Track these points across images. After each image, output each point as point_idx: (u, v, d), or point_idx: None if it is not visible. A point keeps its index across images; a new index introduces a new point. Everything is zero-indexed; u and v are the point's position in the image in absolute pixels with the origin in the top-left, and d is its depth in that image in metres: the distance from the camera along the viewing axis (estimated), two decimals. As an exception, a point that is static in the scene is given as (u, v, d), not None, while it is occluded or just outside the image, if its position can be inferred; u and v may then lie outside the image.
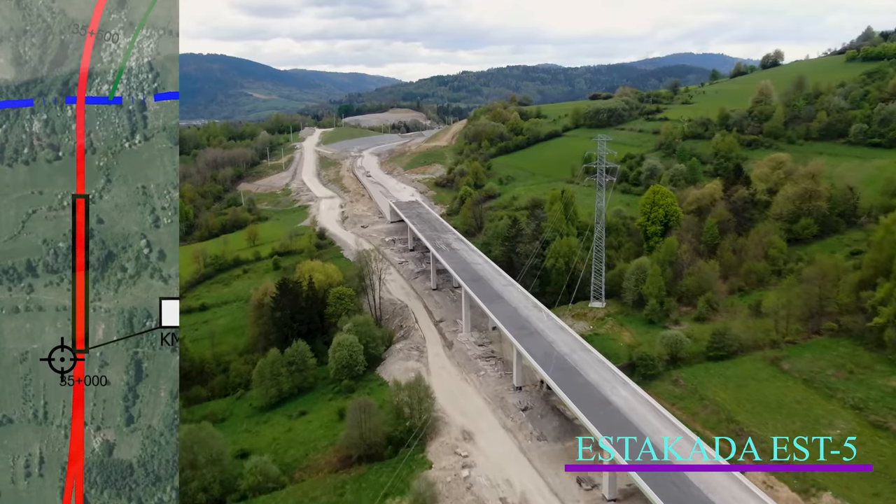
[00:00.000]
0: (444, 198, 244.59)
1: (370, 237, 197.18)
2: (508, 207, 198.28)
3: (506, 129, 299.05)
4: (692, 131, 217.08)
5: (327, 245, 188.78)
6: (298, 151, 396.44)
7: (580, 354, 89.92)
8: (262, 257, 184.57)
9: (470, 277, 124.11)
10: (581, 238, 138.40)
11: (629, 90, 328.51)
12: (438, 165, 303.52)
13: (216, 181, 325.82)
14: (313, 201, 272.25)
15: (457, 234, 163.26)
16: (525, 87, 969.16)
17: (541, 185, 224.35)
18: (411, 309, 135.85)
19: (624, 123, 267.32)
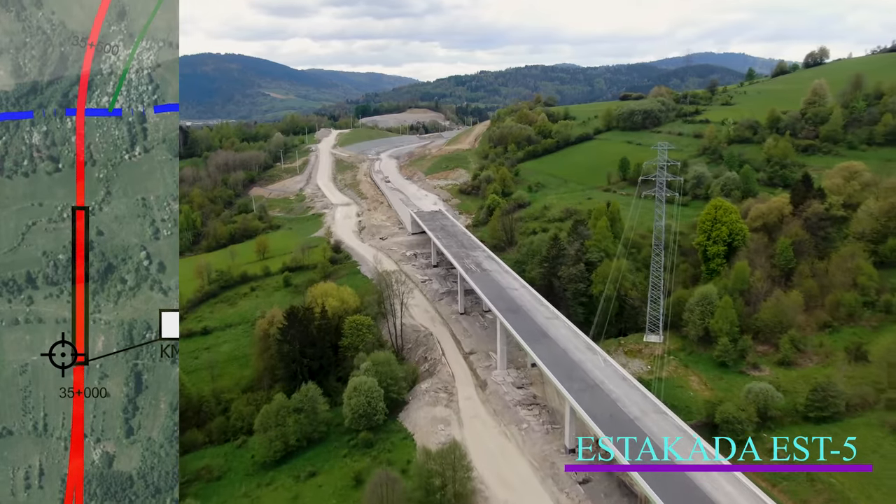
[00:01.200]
0: (469, 207, 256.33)
1: (389, 251, 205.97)
2: (540, 219, 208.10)
3: (533, 132, 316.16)
4: (739, 135, 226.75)
5: (343, 260, 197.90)
6: (314, 154, 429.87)
7: (654, 419, 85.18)
8: (271, 273, 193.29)
9: (507, 307, 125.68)
10: (629, 259, 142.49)
11: (664, 90, 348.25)
12: (462, 171, 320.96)
13: (227, 185, 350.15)
14: (328, 209, 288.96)
15: (487, 251, 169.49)
16: (544, 87, 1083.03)
17: (574, 193, 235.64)
18: (437, 337, 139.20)
19: (660, 126, 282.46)
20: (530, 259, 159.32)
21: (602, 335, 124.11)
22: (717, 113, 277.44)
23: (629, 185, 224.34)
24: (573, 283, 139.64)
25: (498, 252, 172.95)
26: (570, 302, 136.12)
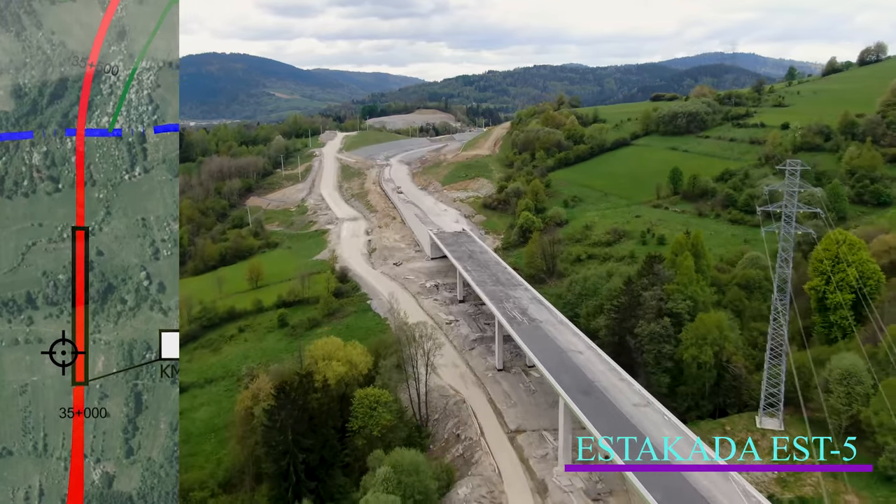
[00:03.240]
0: (497, 225, 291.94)
1: (406, 280, 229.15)
2: (583, 241, 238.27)
3: (563, 137, 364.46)
4: (807, 141, 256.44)
5: (350, 292, 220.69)
6: (317, 159, 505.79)
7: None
8: (264, 308, 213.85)
9: (576, 385, 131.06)
10: (729, 309, 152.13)
11: (706, 90, 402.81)
12: (483, 181, 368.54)
13: (221, 195, 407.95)
14: (333, 224, 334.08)
15: (529, 288, 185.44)
16: (553, 88, 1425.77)
17: (618, 209, 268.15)
18: (470, 406, 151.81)
19: (707, 130, 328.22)
20: (583, 300, 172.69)
21: (693, 408, 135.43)
22: (770, 115, 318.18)
23: (683, 201, 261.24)
24: (656, 344, 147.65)
25: (538, 285, 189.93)
26: (652, 368, 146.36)
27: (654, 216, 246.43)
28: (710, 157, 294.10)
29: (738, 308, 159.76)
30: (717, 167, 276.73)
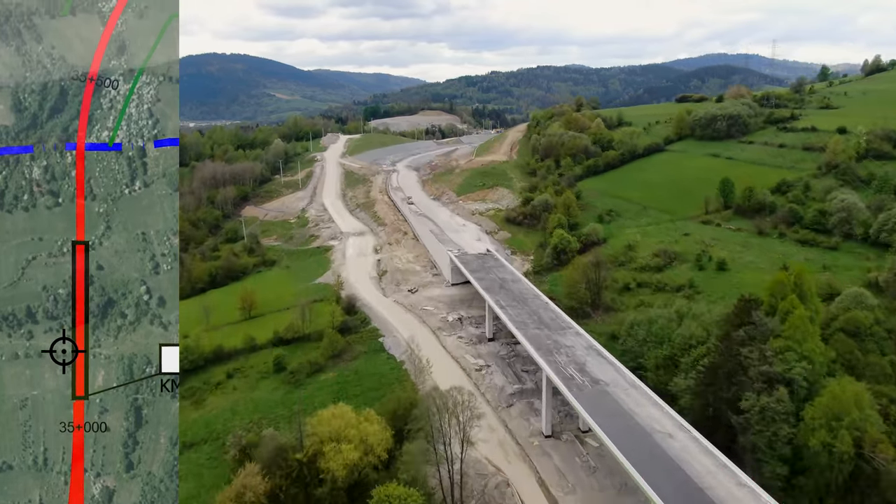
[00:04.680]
0: (524, 243, 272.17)
1: (424, 312, 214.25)
2: (628, 265, 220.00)
3: (589, 142, 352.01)
4: (873, 147, 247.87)
5: (359, 326, 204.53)
6: (319, 164, 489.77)
7: None
8: (258, 346, 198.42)
9: (678, 491, 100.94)
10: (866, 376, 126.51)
11: (744, 90, 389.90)
12: (503, 190, 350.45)
13: (214, 205, 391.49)
14: (337, 239, 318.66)
15: (582, 334, 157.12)
16: (557, 88, 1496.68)
17: (661, 225, 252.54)
18: (515, 490, 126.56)
19: (750, 135, 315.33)
20: (648, 347, 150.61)
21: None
22: (819, 118, 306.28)
23: (737, 216, 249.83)
24: (769, 424, 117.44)
25: (582, 321, 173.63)
26: (763, 455, 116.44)
27: (706, 234, 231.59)
28: (759, 165, 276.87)
29: (848, 363, 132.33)
30: (770, 177, 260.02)
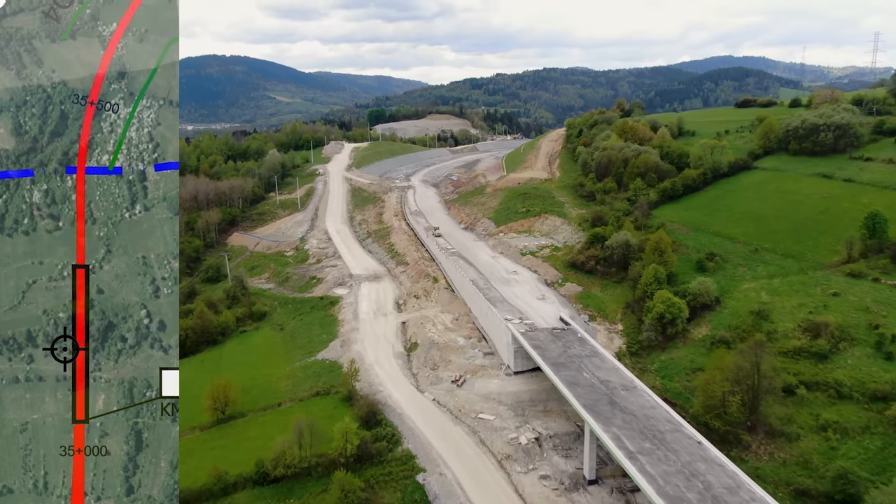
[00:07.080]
0: (602, 302, 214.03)
1: (479, 422, 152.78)
2: (775, 340, 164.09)
3: (658, 158, 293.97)
4: None
5: (384, 452, 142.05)
6: (321, 179, 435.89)
7: None
8: (230, 486, 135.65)
9: None
10: None
11: (839, 93, 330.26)
12: (555, 219, 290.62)
13: (194, 232, 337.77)
14: (345, 285, 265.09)
15: (762, 496, 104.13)
16: (565, 91, 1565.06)
17: (790, 277, 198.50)
18: None
19: (860, 149, 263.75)
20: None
21: None
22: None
23: (892, 263, 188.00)
24: None
25: (729, 449, 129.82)
26: None
27: (864, 294, 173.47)
28: (889, 189, 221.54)
29: None
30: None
